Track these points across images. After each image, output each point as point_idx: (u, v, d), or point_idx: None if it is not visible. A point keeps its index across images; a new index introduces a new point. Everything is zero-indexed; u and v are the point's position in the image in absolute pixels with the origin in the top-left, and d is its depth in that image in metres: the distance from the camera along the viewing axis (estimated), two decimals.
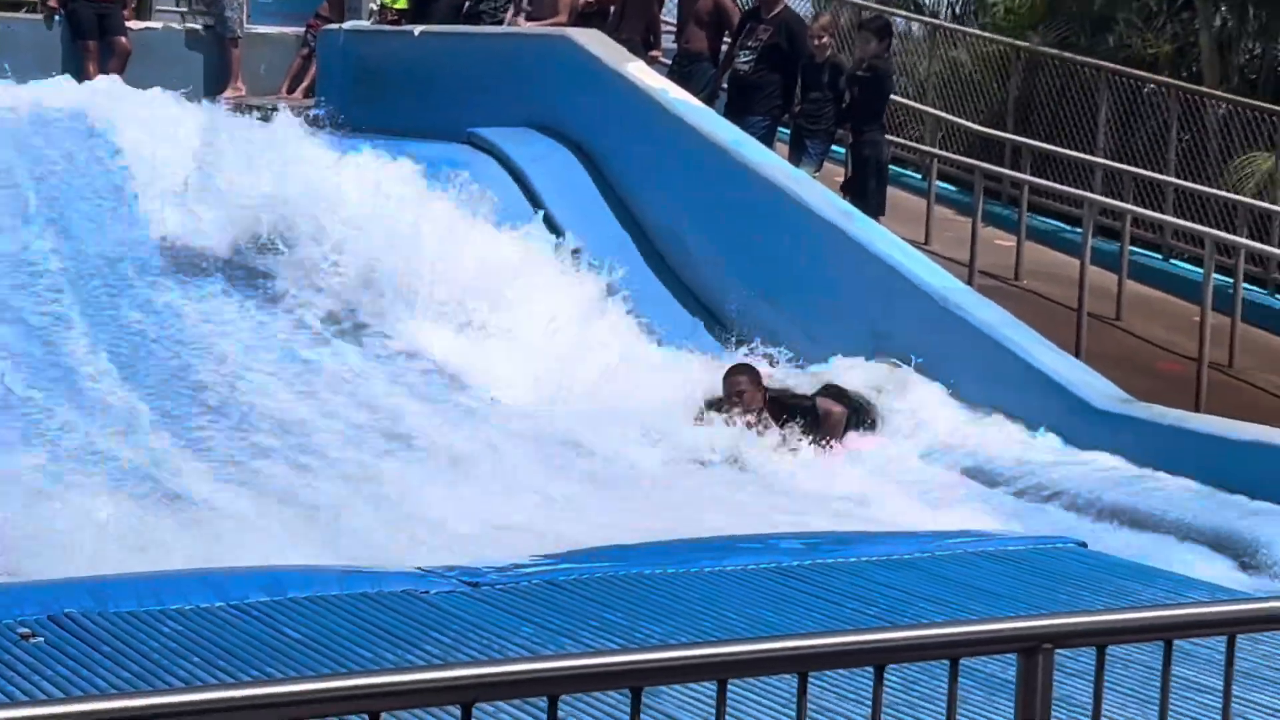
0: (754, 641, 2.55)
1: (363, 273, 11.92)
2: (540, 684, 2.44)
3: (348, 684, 2.32)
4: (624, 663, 2.48)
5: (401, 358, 11.67)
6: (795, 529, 8.54)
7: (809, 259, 12.28)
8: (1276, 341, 13.82)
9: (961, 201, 16.05)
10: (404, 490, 9.46)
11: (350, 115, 14.33)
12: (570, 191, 13.42)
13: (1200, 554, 9.17)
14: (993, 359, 11.19)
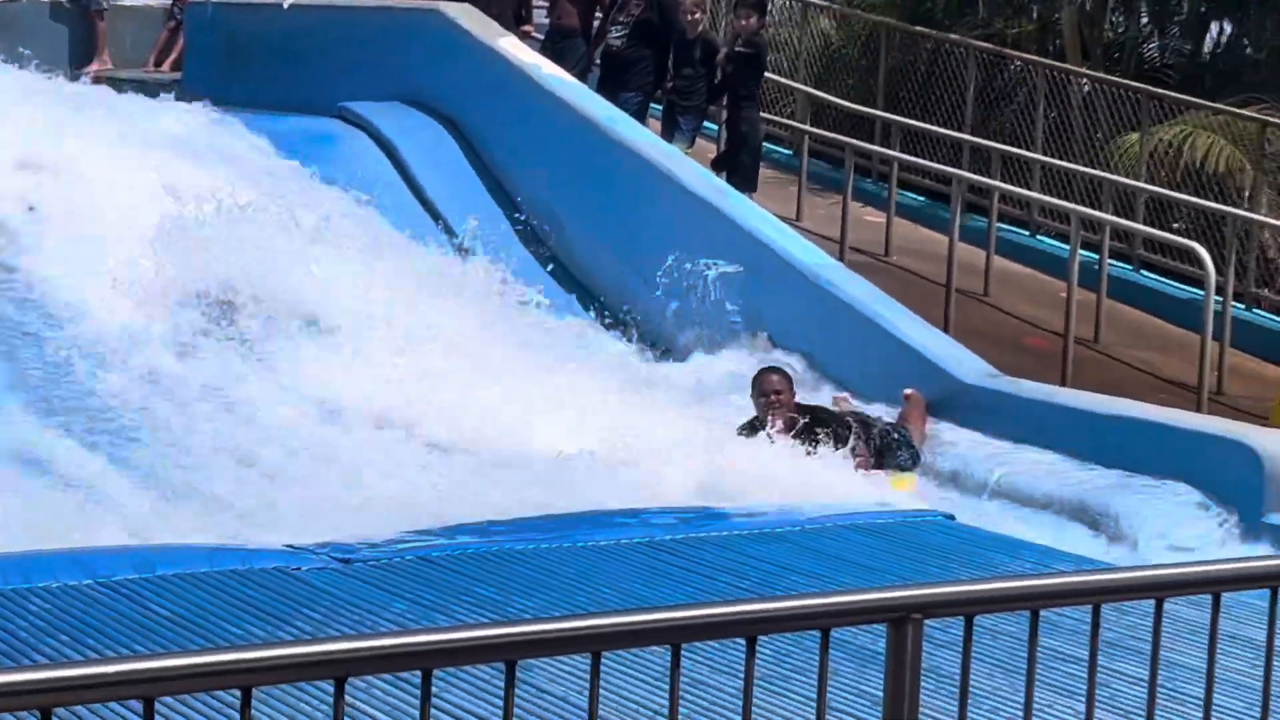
0: (626, 614, 2.56)
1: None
2: (413, 658, 2.43)
3: (218, 659, 2.30)
4: (496, 636, 2.48)
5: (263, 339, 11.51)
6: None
7: (682, 235, 12.31)
8: (1141, 317, 14.03)
9: (832, 178, 16.14)
10: (277, 469, 9.40)
11: (219, 89, 14.19)
12: (443, 167, 13.37)
13: (1066, 526, 9.31)
14: (862, 334, 11.28)
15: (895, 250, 14.82)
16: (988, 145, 16.11)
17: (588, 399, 10.26)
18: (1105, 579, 3.05)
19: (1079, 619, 4.83)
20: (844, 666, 5.48)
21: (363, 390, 10.40)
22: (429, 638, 2.42)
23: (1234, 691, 5.25)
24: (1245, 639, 5.77)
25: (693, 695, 5.32)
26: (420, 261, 12.09)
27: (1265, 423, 11.04)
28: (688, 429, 10.01)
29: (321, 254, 11.46)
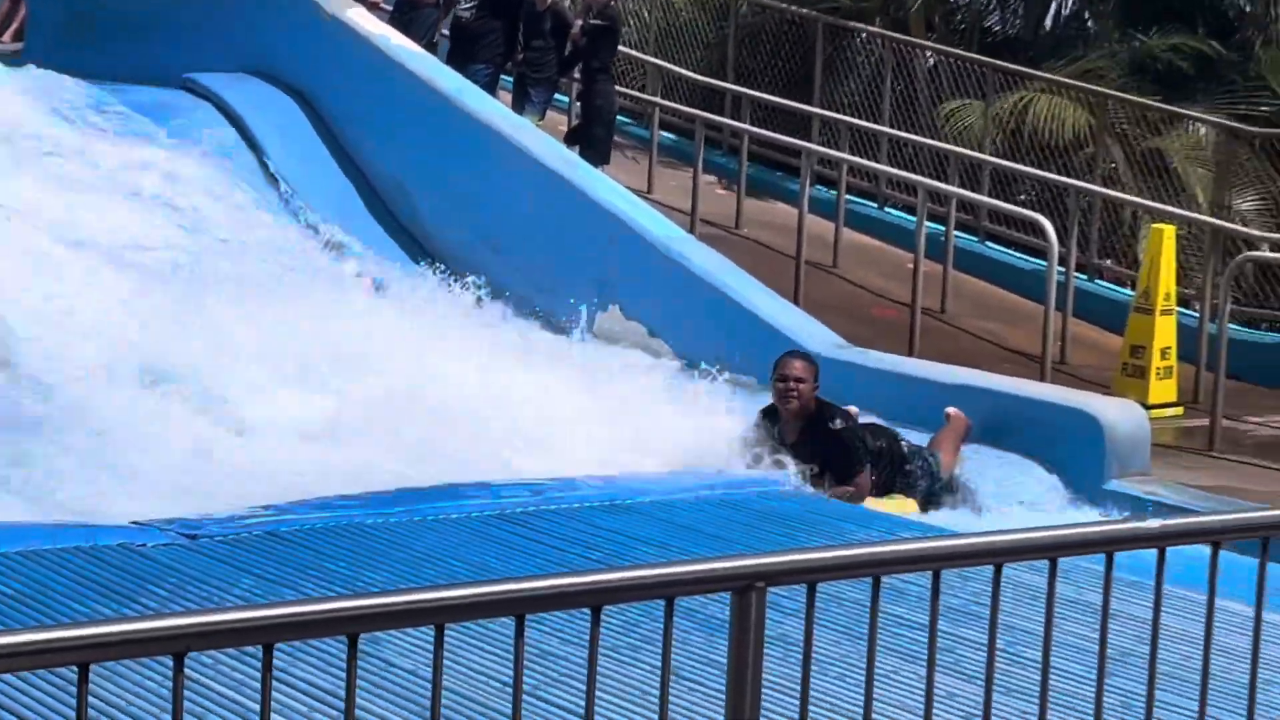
0: (469, 586, 2.56)
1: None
2: (254, 633, 2.42)
3: (53, 636, 2.27)
4: (337, 610, 2.47)
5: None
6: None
7: (533, 208, 12.30)
8: (986, 288, 14.21)
9: (683, 151, 16.19)
10: (122, 442, 9.26)
11: (62, 60, 13.94)
12: (292, 139, 13.23)
13: None
14: (714, 306, 11.34)
15: (745, 222, 14.90)
16: (836, 118, 16.23)
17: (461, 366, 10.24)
18: (944, 545, 3.10)
19: (925, 586, 4.91)
20: (694, 635, 5.52)
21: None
22: (268, 612, 2.40)
23: (1073, 655, 5.34)
24: (1084, 603, 5.88)
25: (542, 666, 5.34)
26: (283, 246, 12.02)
27: (1107, 391, 11.25)
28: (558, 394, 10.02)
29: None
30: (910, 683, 5.28)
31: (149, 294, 10.63)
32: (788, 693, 4.01)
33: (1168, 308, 11.76)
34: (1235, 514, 3.46)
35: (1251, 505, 8.06)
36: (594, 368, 10.70)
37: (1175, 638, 5.42)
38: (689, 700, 5.11)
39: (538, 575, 2.68)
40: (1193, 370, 11.86)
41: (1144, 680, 3.42)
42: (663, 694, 2.84)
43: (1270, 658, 4.53)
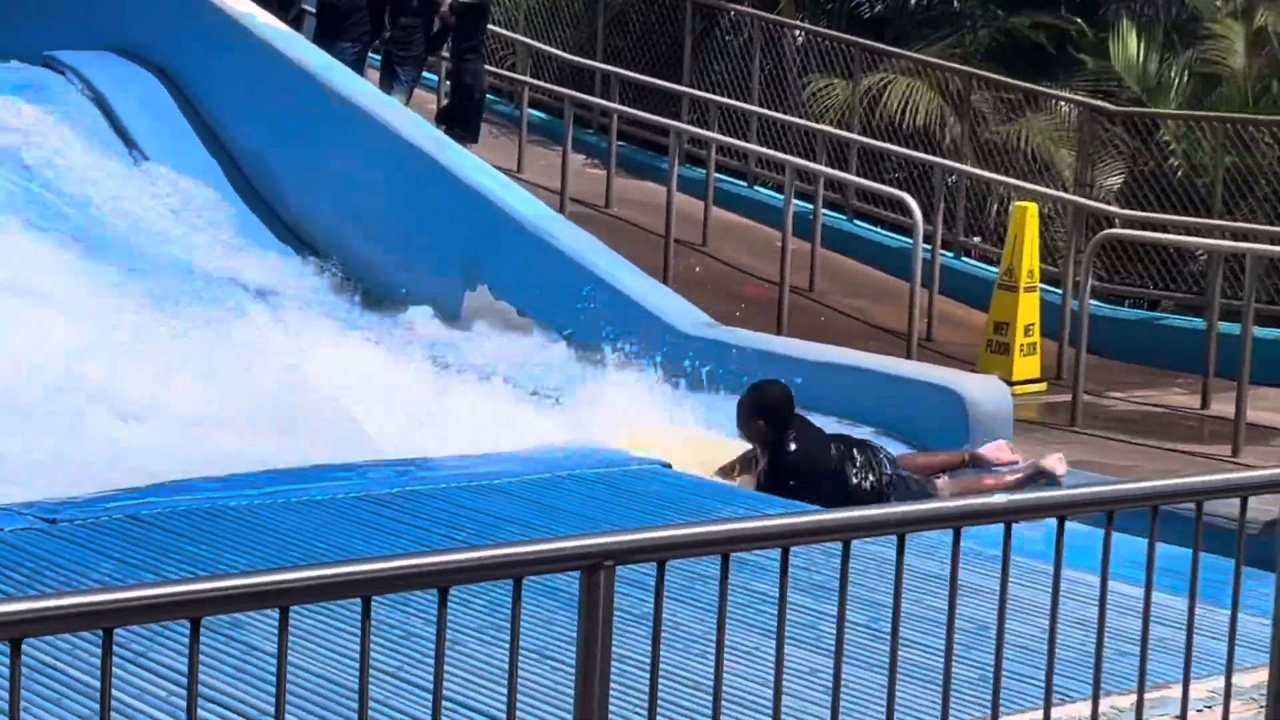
0: (313, 568, 2.56)
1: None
2: (94, 617, 2.40)
3: None
4: (181, 593, 2.46)
5: None
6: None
7: (401, 187, 12.24)
8: (854, 265, 14.32)
9: (553, 130, 16.18)
10: None
11: None
12: (156, 118, 13.09)
13: None
14: (582, 285, 11.34)
15: (615, 201, 14.91)
16: (705, 97, 16.27)
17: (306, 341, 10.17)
18: (791, 523, 3.13)
19: (775, 558, 4.95)
20: (559, 614, 5.54)
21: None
22: (107, 597, 2.39)
23: (935, 629, 5.40)
24: (945, 578, 5.94)
25: (407, 646, 5.34)
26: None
27: (972, 368, 11.38)
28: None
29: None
30: (770, 658, 5.31)
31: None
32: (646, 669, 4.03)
33: (1031, 285, 11.90)
34: (1080, 489, 3.52)
35: (1099, 478, 8.19)
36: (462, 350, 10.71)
37: (1028, 609, 5.49)
38: (553, 679, 5.13)
39: (384, 556, 2.68)
40: (1056, 346, 12.02)
41: (1006, 651, 3.47)
42: (511, 673, 2.85)
43: (1119, 628, 4.60)
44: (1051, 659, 3.43)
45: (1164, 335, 12.82)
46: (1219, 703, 3.70)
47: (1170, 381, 11.96)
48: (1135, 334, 12.89)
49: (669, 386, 10.66)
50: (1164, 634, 4.55)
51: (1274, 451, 10.06)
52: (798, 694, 4.94)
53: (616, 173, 15.08)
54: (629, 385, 10.72)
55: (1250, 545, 6.09)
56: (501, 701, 4.49)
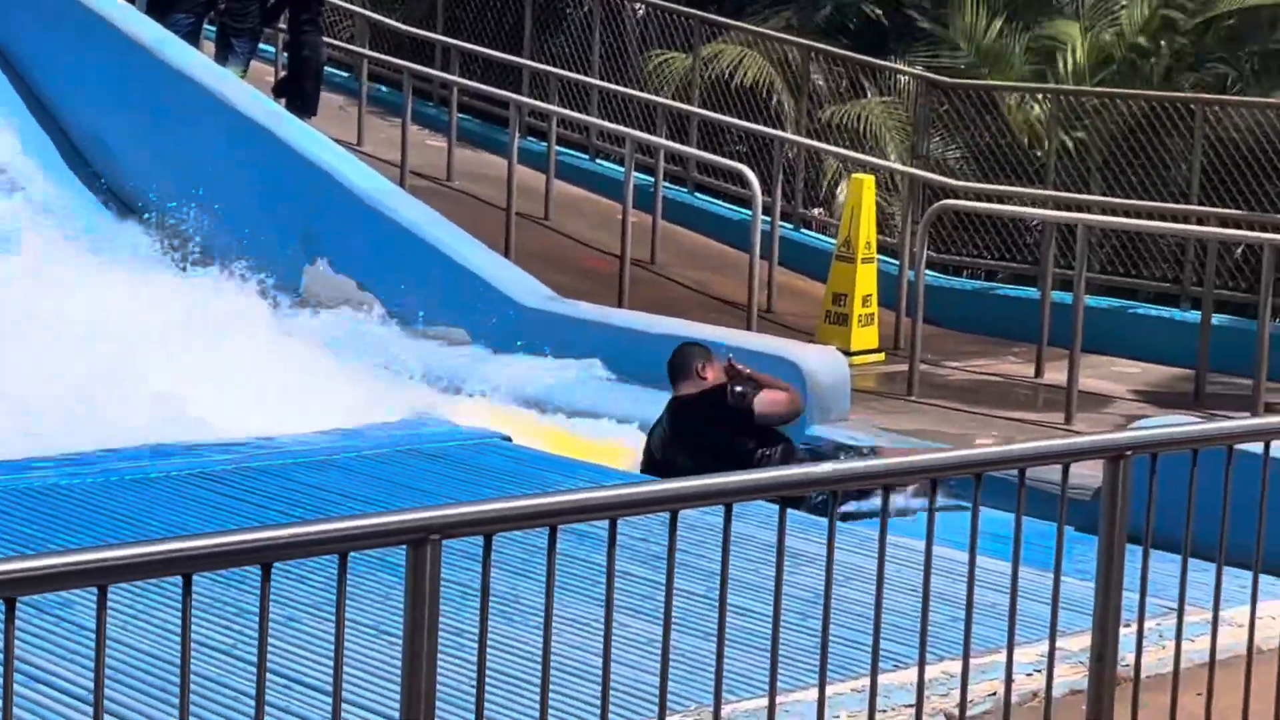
0: (132, 546, 2.53)
1: None
2: None
3: None
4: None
5: None
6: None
7: (238, 161, 12.10)
8: (695, 238, 14.37)
9: (393, 103, 16.07)
10: None
11: None
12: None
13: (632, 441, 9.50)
14: (423, 259, 11.29)
15: (456, 175, 14.85)
16: (545, 70, 16.24)
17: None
18: (618, 494, 3.14)
19: (628, 533, 4.97)
20: (397, 589, 5.51)
21: None
22: None
23: (759, 595, 5.45)
24: (769, 544, 6.00)
25: (242, 623, 5.31)
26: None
27: (811, 339, 11.48)
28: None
29: None
30: (593, 625, 5.35)
31: None
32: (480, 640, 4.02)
33: (868, 256, 12.01)
34: (904, 458, 3.57)
35: (927, 446, 8.29)
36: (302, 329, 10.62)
37: (860, 576, 5.56)
38: (389, 653, 5.12)
39: (206, 533, 2.66)
40: (894, 317, 12.15)
41: (837, 618, 3.51)
42: (337, 647, 2.84)
43: (947, 593, 4.68)
44: (878, 625, 3.47)
45: (999, 305, 13.00)
46: (1045, 666, 3.76)
47: (1005, 351, 12.14)
48: (971, 304, 13.06)
49: (508, 357, 10.65)
50: (992, 598, 4.63)
51: (1105, 419, 10.25)
52: (632, 664, 4.96)
53: (457, 146, 15.02)
54: (468, 360, 10.72)
55: (1084, 510, 6.21)
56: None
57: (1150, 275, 13.41)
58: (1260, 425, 4.41)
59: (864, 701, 3.83)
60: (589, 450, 9.09)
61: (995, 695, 4.42)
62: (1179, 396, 10.92)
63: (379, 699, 4.81)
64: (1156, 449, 3.69)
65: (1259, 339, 10.08)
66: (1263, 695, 3.93)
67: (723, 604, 3.33)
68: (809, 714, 4.15)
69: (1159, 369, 11.67)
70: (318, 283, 11.62)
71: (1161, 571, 4.01)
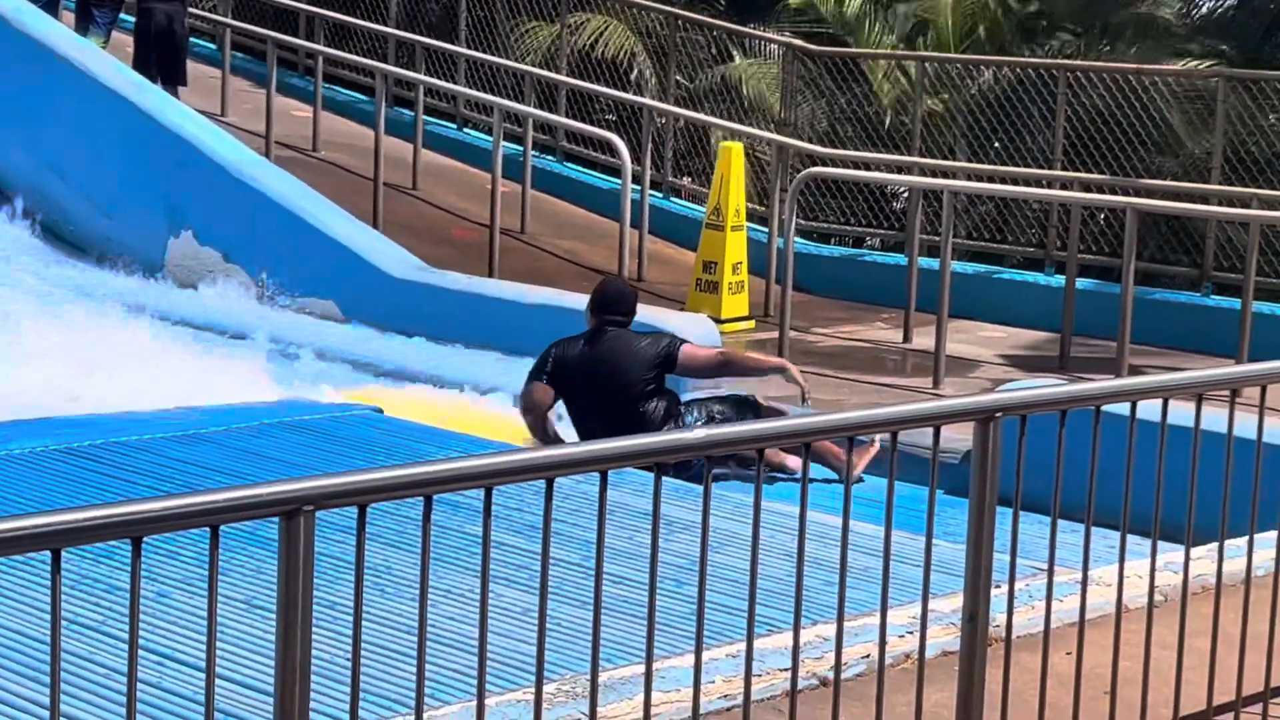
0: (1, 520, 2.49)
1: None
2: None
3: None
4: None
5: None
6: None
7: (99, 132, 11.93)
8: (564, 207, 14.35)
9: (258, 73, 15.90)
10: None
11: None
12: None
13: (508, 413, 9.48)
14: (290, 230, 11.20)
15: (323, 145, 14.73)
16: (411, 39, 16.13)
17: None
18: (493, 463, 3.13)
19: (502, 503, 4.96)
20: (269, 564, 5.46)
21: None
22: None
23: (636, 563, 5.46)
24: (646, 511, 6.02)
25: (112, 599, 5.25)
26: None
27: (682, 307, 11.50)
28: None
29: None
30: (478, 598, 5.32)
31: None
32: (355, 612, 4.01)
33: (738, 224, 12.05)
34: (776, 422, 3.58)
35: (799, 411, 8.32)
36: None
37: (737, 543, 5.58)
38: (263, 628, 5.07)
39: (74, 508, 2.61)
40: (764, 284, 12.20)
41: (713, 584, 3.52)
42: (210, 622, 2.81)
43: (822, 558, 4.70)
44: (753, 591, 3.48)
45: (867, 271, 13.09)
46: (918, 628, 3.79)
47: (874, 317, 12.23)
48: (840, 271, 13.14)
49: (373, 331, 10.59)
50: (866, 562, 4.66)
51: (972, 382, 10.36)
52: (509, 634, 4.95)
53: (324, 116, 14.89)
54: (334, 332, 10.65)
55: (954, 473, 6.27)
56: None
57: (1015, 241, 13.56)
58: (1126, 386, 4.46)
59: (740, 666, 3.84)
60: (461, 423, 9.05)
61: (869, 658, 4.45)
62: (1046, 360, 11.06)
63: (253, 674, 4.77)
64: (1025, 410, 3.72)
65: (1122, 302, 10.22)
66: (1131, 654, 3.99)
67: (599, 572, 3.32)
68: (685, 680, 4.17)
69: (1025, 333, 11.80)
70: (183, 255, 11.49)
71: (1031, 534, 4.05)
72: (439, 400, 9.68)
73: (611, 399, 8.38)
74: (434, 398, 9.58)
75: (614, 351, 8.52)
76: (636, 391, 8.44)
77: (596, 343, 8.57)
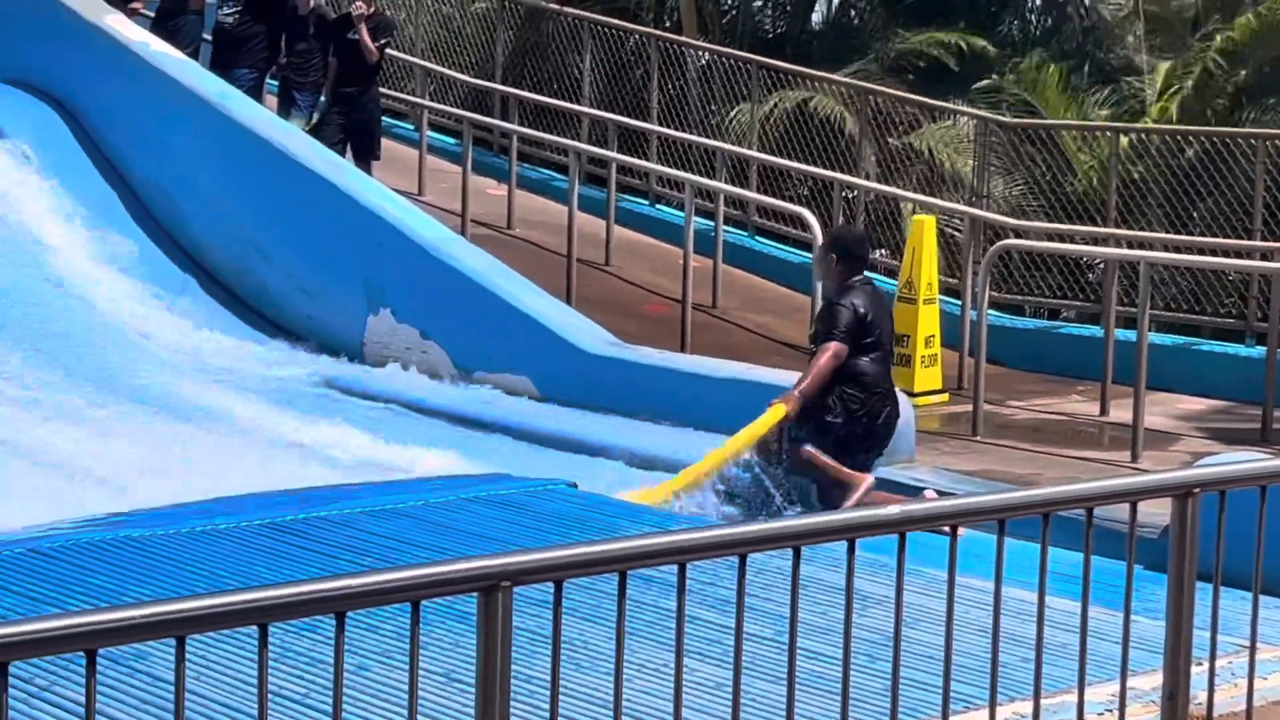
0: (209, 597, 2.56)
1: None
2: None
3: None
4: (74, 625, 2.46)
5: None
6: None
7: (300, 212, 12.21)
8: (756, 281, 14.39)
9: (454, 152, 16.17)
10: None
11: None
12: (52, 149, 12.99)
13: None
14: (484, 307, 11.35)
15: (517, 222, 14.93)
16: (604, 117, 16.32)
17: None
18: (687, 539, 3.16)
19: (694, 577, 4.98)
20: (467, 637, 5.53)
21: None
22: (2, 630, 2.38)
23: (828, 637, 5.44)
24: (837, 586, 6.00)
25: (315, 673, 5.34)
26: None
27: None
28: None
29: None
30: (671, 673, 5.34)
31: None
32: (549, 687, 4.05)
33: (930, 296, 11.99)
34: (974, 497, 3.57)
35: (994, 487, 8.25)
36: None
37: (929, 617, 5.54)
38: (460, 701, 5.14)
39: (281, 583, 2.69)
40: (957, 357, 12.12)
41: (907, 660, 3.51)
42: (411, 695, 2.87)
43: (1017, 634, 4.66)
44: (948, 666, 3.47)
45: (1062, 343, 12.96)
46: (1117, 706, 3.75)
47: (1069, 389, 12.09)
48: (1034, 343, 13.02)
49: (566, 407, 10.69)
50: (1062, 638, 4.61)
51: (1171, 456, 10.19)
52: (701, 708, 4.96)
53: (517, 194, 15.10)
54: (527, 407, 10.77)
55: (1153, 548, 6.18)
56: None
57: (1214, 311, 13.34)
58: None
59: None
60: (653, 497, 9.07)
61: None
62: (1246, 433, 10.85)
63: None
64: (1224, 486, 3.68)
65: None
66: None
67: (792, 647, 3.34)
68: None
69: (1225, 405, 11.60)
70: (381, 332, 11.70)
71: (1232, 610, 4.00)
72: (632, 475, 9.73)
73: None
74: (627, 473, 9.64)
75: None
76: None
77: (878, 294, 9.26)
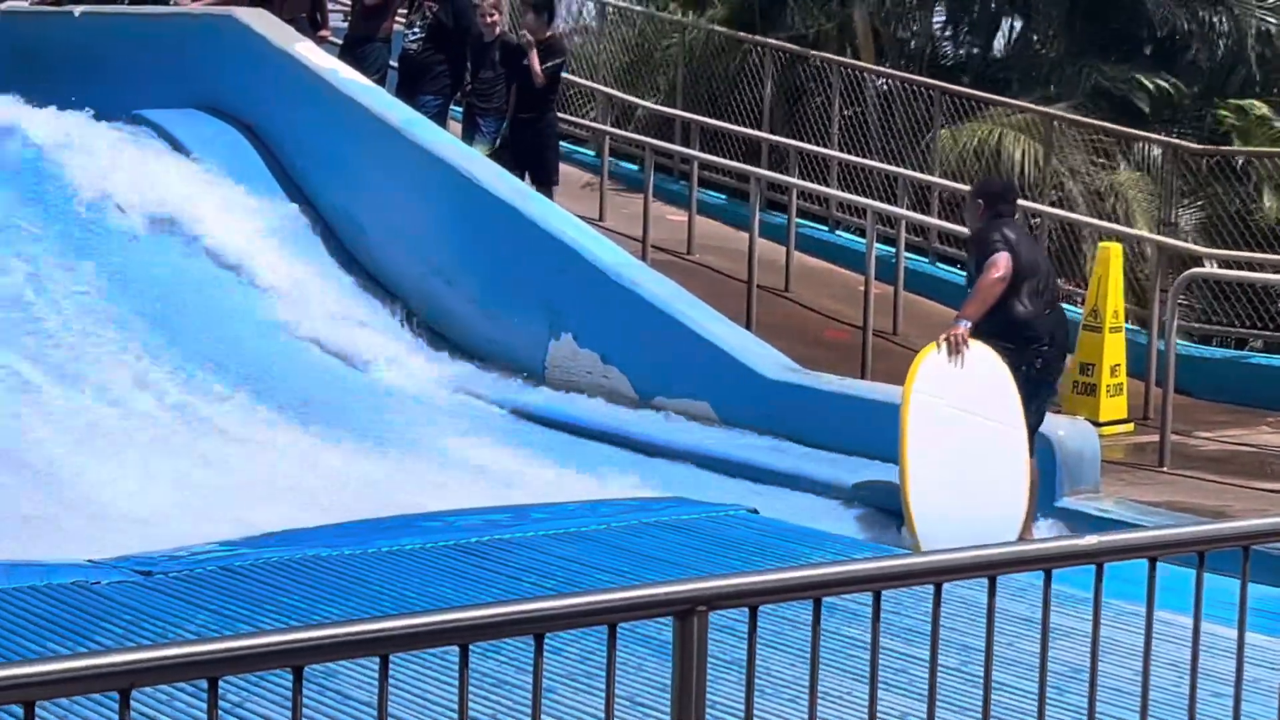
0: (411, 616, 2.59)
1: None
2: (197, 667, 2.44)
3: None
4: (282, 643, 2.49)
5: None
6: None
7: (484, 237, 12.33)
8: (937, 308, 14.27)
9: (634, 178, 16.25)
10: (74, 475, 9.28)
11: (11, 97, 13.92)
12: (242, 173, 13.24)
13: (874, 517, 9.47)
14: (665, 332, 11.38)
15: (697, 248, 14.96)
16: (784, 143, 16.31)
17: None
18: (882, 566, 3.14)
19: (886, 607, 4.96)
20: (650, 661, 5.56)
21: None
22: (211, 647, 2.43)
23: (1026, 671, 5.39)
24: (1023, 617, 5.94)
25: (500, 695, 5.37)
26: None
27: (1058, 410, 11.31)
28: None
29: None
30: (862, 703, 5.31)
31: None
32: (738, 715, 4.04)
33: (1116, 325, 11.84)
34: (1170, 529, 3.51)
35: (1189, 519, 8.12)
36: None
37: (1120, 651, 5.46)
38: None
39: (476, 605, 2.71)
40: (1143, 387, 11.95)
41: (1094, 695, 3.46)
42: (607, 718, 2.88)
43: (1212, 670, 4.58)
44: (1145, 702, 3.41)
45: (1252, 373, 12.72)
46: None
47: (1259, 420, 11.87)
48: (1222, 373, 12.79)
49: (745, 432, 10.68)
50: (1259, 675, 4.53)
51: None
52: None
53: (697, 219, 15.13)
54: (708, 432, 10.77)
55: None
56: None
57: None
58: None
59: None
60: (834, 523, 9.05)
61: None
62: None
63: None
64: None
65: None
66: None
67: (988, 680, 3.30)
68: None
69: None
70: (563, 357, 11.77)
71: None
72: (814, 503, 9.70)
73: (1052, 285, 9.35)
74: (806, 499, 9.61)
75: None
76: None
77: (1031, 232, 9.42)
